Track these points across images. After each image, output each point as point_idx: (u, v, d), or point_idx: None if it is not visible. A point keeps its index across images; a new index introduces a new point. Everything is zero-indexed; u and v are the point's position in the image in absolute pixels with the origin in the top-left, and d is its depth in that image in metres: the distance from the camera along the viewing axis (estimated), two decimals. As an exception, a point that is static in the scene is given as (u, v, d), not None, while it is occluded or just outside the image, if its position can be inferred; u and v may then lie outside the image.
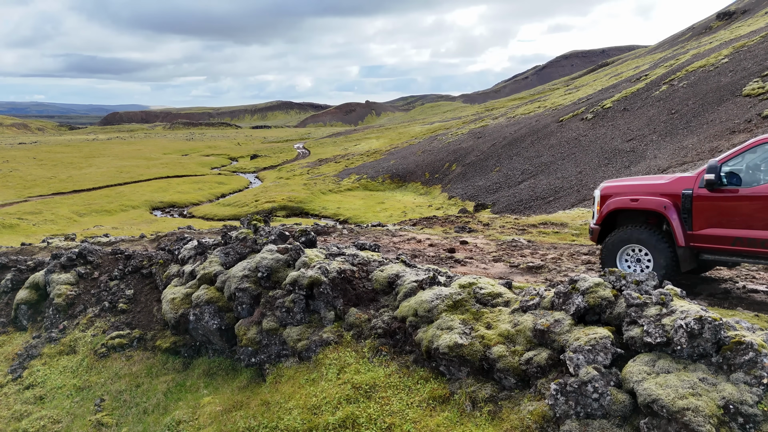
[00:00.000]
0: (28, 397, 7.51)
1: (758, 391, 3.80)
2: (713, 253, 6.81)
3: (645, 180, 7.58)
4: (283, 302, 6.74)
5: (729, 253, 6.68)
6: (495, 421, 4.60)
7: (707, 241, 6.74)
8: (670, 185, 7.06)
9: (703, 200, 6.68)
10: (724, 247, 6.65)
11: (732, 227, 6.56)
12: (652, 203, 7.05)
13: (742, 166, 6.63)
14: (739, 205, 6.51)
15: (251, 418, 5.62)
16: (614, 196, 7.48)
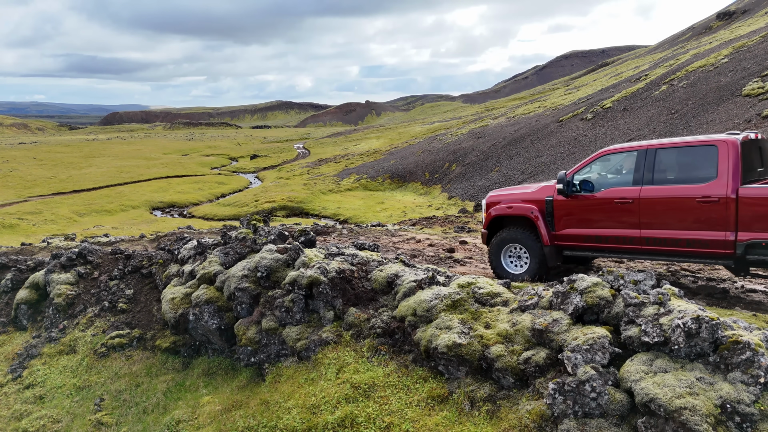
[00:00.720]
0: (28, 397, 7.52)
1: (755, 390, 3.81)
2: (572, 249, 7.95)
3: (519, 189, 8.83)
4: (282, 302, 6.76)
5: (584, 249, 7.85)
6: (493, 420, 4.62)
7: (567, 239, 7.92)
8: (536, 193, 8.28)
9: (562, 205, 7.91)
10: (580, 244, 7.86)
11: (585, 227, 7.75)
12: (523, 209, 8.29)
13: (591, 175, 7.87)
14: (590, 208, 7.69)
15: (250, 417, 5.64)
16: (496, 204, 8.69)
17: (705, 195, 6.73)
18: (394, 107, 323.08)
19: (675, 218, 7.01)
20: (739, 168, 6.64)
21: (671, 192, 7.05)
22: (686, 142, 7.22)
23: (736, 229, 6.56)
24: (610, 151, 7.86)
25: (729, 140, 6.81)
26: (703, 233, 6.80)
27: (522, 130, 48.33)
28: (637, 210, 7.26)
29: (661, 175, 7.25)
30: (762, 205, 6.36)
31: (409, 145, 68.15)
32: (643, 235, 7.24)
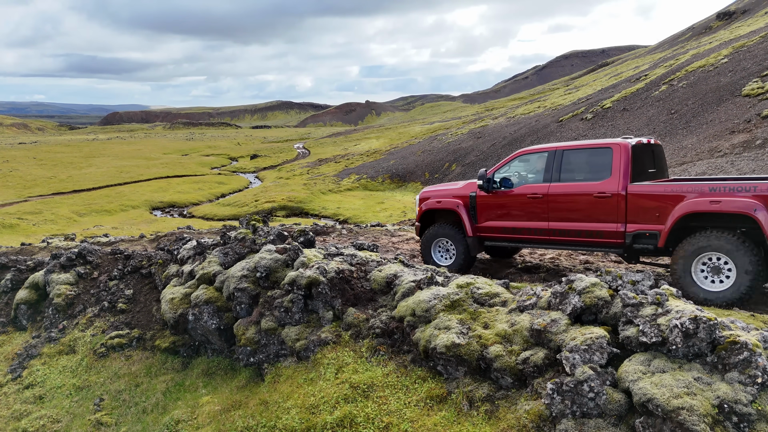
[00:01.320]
0: (27, 397, 7.53)
1: (752, 390, 3.82)
2: (492, 240, 8.79)
3: (448, 186, 9.55)
4: (281, 302, 6.77)
5: (502, 239, 8.68)
6: (492, 420, 4.63)
7: (488, 231, 8.74)
8: (462, 189, 9.05)
9: (483, 200, 8.72)
10: (499, 235, 8.68)
11: (503, 220, 8.58)
12: (450, 204, 9.05)
13: (510, 173, 8.63)
14: (507, 203, 8.51)
15: (250, 417, 5.65)
16: (427, 199, 9.38)
17: (600, 191, 7.58)
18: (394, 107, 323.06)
19: (576, 212, 7.84)
20: (629, 168, 7.45)
21: (573, 188, 7.89)
22: (587, 145, 8.11)
23: (626, 221, 7.39)
24: (525, 152, 8.72)
25: (622, 144, 7.60)
26: (599, 225, 7.62)
27: (522, 130, 48.33)
28: (546, 204, 8.10)
29: (566, 173, 8.05)
30: (645, 200, 7.24)
31: (409, 145, 68.17)
32: (551, 227, 8.08)
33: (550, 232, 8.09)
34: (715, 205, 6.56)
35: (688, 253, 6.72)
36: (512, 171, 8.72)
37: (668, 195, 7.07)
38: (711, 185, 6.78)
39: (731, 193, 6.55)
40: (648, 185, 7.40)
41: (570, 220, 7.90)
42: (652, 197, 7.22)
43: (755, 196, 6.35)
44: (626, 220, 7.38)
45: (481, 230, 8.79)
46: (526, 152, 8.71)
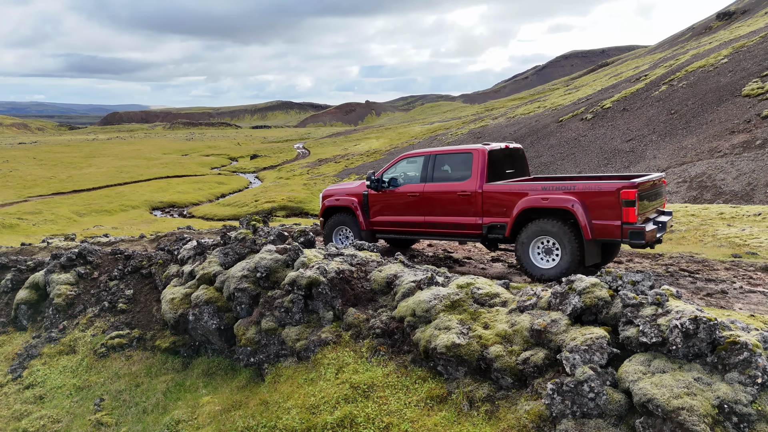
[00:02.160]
0: (28, 397, 7.54)
1: (752, 390, 3.83)
2: (381, 232, 9.92)
3: (347, 185, 10.70)
4: (281, 302, 6.77)
5: (389, 232, 9.81)
6: (492, 420, 4.63)
7: (378, 224, 9.87)
8: (357, 188, 10.15)
9: (373, 197, 9.85)
10: (387, 228, 9.80)
11: (390, 215, 9.70)
12: (346, 201, 10.19)
13: (396, 174, 9.76)
14: (392, 200, 9.62)
15: (250, 417, 5.65)
16: (329, 197, 10.52)
17: (463, 190, 8.82)
18: (394, 107, 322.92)
19: (445, 207, 9.03)
20: (486, 170, 8.68)
21: (443, 188, 9.09)
22: (454, 150, 9.38)
23: (482, 215, 8.64)
24: (408, 155, 9.91)
25: (480, 149, 8.84)
26: (463, 219, 8.85)
27: (522, 131, 48.33)
28: (422, 201, 9.28)
29: (439, 175, 9.27)
30: (495, 198, 8.50)
31: (409, 145, 68.16)
32: (426, 221, 9.27)
33: (426, 225, 9.30)
34: (545, 201, 7.89)
35: (527, 237, 8.00)
36: (398, 172, 9.84)
37: (512, 193, 8.35)
38: (544, 185, 8.05)
39: (557, 191, 7.84)
40: (498, 185, 8.62)
41: (441, 214, 9.10)
42: (500, 195, 8.48)
43: (573, 194, 7.66)
44: (482, 214, 8.66)
45: (373, 224, 9.95)
46: (409, 156, 9.91)
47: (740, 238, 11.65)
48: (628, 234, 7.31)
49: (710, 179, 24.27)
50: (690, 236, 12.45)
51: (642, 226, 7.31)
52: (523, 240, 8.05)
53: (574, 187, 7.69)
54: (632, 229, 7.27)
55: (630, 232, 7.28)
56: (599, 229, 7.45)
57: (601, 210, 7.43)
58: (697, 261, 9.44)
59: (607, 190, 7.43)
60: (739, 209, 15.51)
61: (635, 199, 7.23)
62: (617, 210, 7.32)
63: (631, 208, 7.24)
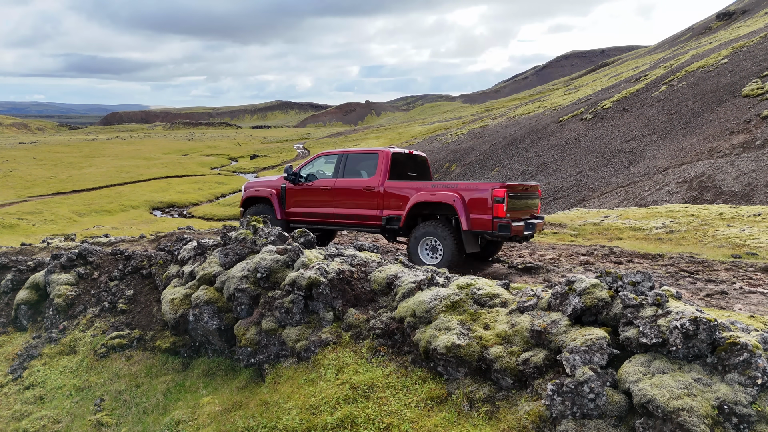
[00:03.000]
0: (28, 397, 7.54)
1: (752, 391, 3.83)
2: (296, 223, 10.86)
3: (266, 179, 11.59)
4: (282, 303, 6.77)
5: (303, 222, 10.69)
6: (492, 421, 4.64)
7: (293, 215, 10.87)
8: (276, 182, 11.07)
9: (290, 191, 10.83)
10: (301, 219, 10.75)
11: (305, 206, 10.70)
12: (265, 192, 11.09)
13: (313, 170, 10.82)
14: (307, 193, 10.64)
15: (250, 418, 5.66)
16: (249, 188, 11.52)
17: (368, 186, 9.97)
18: (394, 107, 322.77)
19: (352, 200, 10.13)
20: (388, 169, 9.89)
21: (351, 183, 10.20)
22: (363, 150, 10.55)
23: (383, 208, 9.78)
24: (324, 153, 11.01)
25: (385, 151, 10.08)
26: (367, 211, 9.95)
27: (522, 131, 48.34)
28: (333, 195, 10.34)
29: (349, 171, 10.32)
30: (393, 194, 9.70)
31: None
32: (336, 212, 10.33)
33: (335, 216, 10.36)
34: (433, 196, 9.20)
35: (417, 237, 9.25)
36: (315, 168, 10.88)
37: (403, 189, 9.67)
38: (433, 183, 9.47)
39: (443, 189, 9.21)
40: (396, 182, 9.85)
41: (348, 207, 10.19)
42: (398, 191, 9.72)
43: (455, 191, 9.02)
44: (383, 208, 9.82)
45: (288, 215, 10.92)
46: (325, 154, 11.02)
47: (740, 238, 11.65)
48: (497, 226, 8.64)
49: (710, 179, 24.28)
50: (690, 237, 12.45)
51: (509, 220, 8.63)
52: (415, 236, 9.27)
53: (457, 186, 9.15)
54: (501, 223, 8.62)
55: (499, 224, 8.63)
56: (475, 222, 8.81)
57: (477, 206, 8.80)
58: (697, 261, 9.44)
59: (482, 189, 8.84)
60: (739, 210, 15.52)
61: (504, 198, 8.60)
62: (489, 206, 8.68)
63: (500, 204, 8.60)
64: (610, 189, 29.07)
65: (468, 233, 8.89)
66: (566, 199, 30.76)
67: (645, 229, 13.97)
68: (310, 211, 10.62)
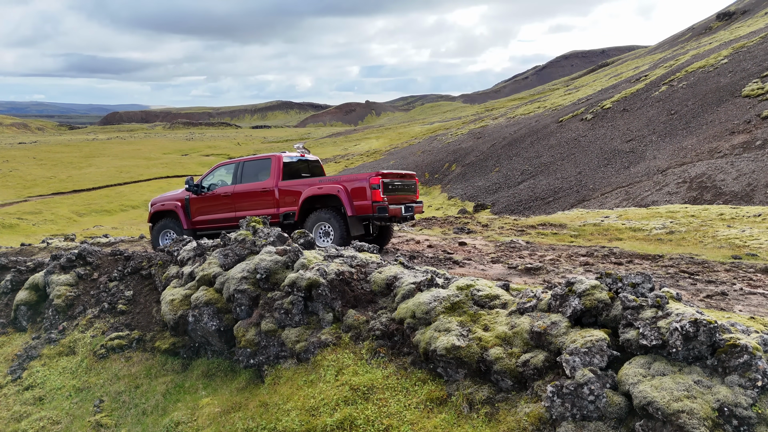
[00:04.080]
0: (27, 398, 7.53)
1: (752, 393, 3.82)
2: (201, 230, 11.65)
3: (170, 193, 12.49)
4: (281, 304, 6.77)
5: (209, 229, 11.57)
6: (492, 422, 4.63)
7: (199, 223, 11.68)
8: (180, 195, 11.92)
9: (194, 201, 11.68)
10: (207, 226, 11.58)
11: (209, 214, 11.56)
12: (171, 205, 11.92)
13: (214, 180, 11.70)
14: (210, 201, 11.51)
15: (249, 419, 5.65)
16: (155, 204, 12.37)
17: (264, 188, 10.98)
18: (394, 107, 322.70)
19: (251, 203, 11.11)
20: (281, 171, 10.95)
21: (249, 187, 11.19)
22: (258, 157, 11.57)
23: (279, 206, 10.83)
24: (223, 164, 11.94)
25: (277, 155, 11.18)
26: (266, 210, 10.91)
27: (522, 131, 48.33)
28: (233, 200, 11.30)
29: (246, 177, 11.32)
30: (287, 192, 10.77)
31: (409, 145, 68.17)
32: (238, 215, 11.08)
33: (237, 219, 10.97)
34: (320, 190, 10.32)
35: (311, 224, 10.34)
36: (216, 178, 11.74)
37: (299, 186, 10.70)
38: (321, 179, 10.60)
39: (329, 183, 10.35)
40: (289, 182, 10.88)
41: (248, 209, 11.10)
42: (291, 189, 10.75)
43: (340, 184, 10.14)
44: (279, 206, 10.84)
45: (194, 223, 11.74)
46: (224, 164, 11.94)
47: (740, 239, 11.64)
48: (376, 209, 9.89)
49: (710, 180, 24.27)
50: (690, 237, 12.45)
51: (386, 204, 9.86)
52: (308, 225, 10.35)
53: (341, 179, 10.30)
54: (379, 206, 9.86)
55: (377, 208, 9.87)
56: (358, 208, 9.96)
57: (358, 194, 9.97)
58: (697, 262, 9.43)
59: (361, 179, 10.07)
60: (739, 210, 15.51)
61: (380, 185, 9.87)
62: (368, 193, 9.88)
63: (377, 190, 9.86)
64: (610, 189, 29.07)
65: (353, 218, 10.06)
66: (566, 200, 30.76)
67: (645, 230, 13.97)
68: (214, 217, 11.53)
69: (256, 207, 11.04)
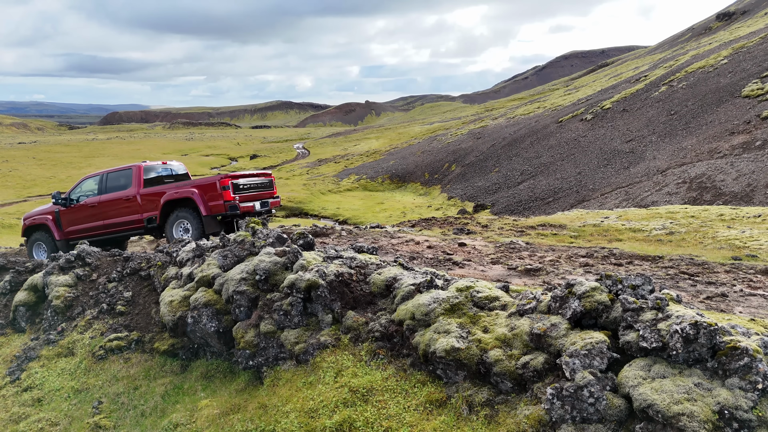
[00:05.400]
0: (26, 400, 7.51)
1: (753, 396, 3.81)
2: (74, 240, 12.36)
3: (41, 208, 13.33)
4: (280, 305, 6.75)
5: (80, 238, 12.10)
6: (491, 425, 4.61)
7: (71, 234, 12.50)
8: (50, 209, 12.73)
9: (64, 213, 12.53)
10: (78, 236, 12.34)
11: (78, 224, 12.41)
12: (42, 219, 12.77)
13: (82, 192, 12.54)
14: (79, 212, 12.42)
15: (248, 421, 5.63)
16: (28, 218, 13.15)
17: (127, 196, 11.88)
18: (393, 107, 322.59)
19: (117, 211, 11.98)
20: (142, 179, 11.92)
21: (113, 196, 12.06)
22: (119, 168, 12.45)
23: (142, 211, 11.69)
24: (89, 176, 12.73)
25: (137, 165, 12.15)
26: (131, 217, 11.83)
27: (521, 131, 48.32)
28: (100, 209, 12.16)
29: (111, 187, 12.18)
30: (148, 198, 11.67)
31: (409, 145, 68.18)
32: (105, 224, 12.15)
33: (105, 226, 12.13)
34: (177, 193, 11.27)
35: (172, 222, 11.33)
36: (84, 190, 12.54)
37: (159, 192, 11.56)
38: (178, 185, 11.51)
39: (185, 186, 11.29)
40: (150, 188, 11.77)
41: (115, 216, 12.02)
42: (152, 195, 11.64)
43: (195, 186, 11.16)
44: (142, 211, 11.70)
45: (67, 234, 12.53)
46: (90, 176, 12.74)
47: (740, 240, 11.63)
48: (227, 208, 10.91)
49: (710, 180, 24.26)
50: (690, 238, 12.44)
51: (236, 202, 10.95)
52: (169, 225, 11.37)
53: (195, 182, 11.33)
54: (230, 204, 10.90)
55: (229, 206, 10.90)
56: (211, 207, 10.96)
57: (211, 194, 10.95)
58: (697, 264, 9.42)
59: (212, 182, 11.07)
60: (739, 211, 15.50)
61: (229, 186, 10.94)
62: (219, 193, 10.89)
63: (227, 191, 10.89)
64: (610, 190, 29.06)
65: (207, 217, 11.05)
66: (566, 200, 30.75)
67: (645, 231, 13.96)
68: (84, 227, 12.36)
69: (122, 214, 11.94)
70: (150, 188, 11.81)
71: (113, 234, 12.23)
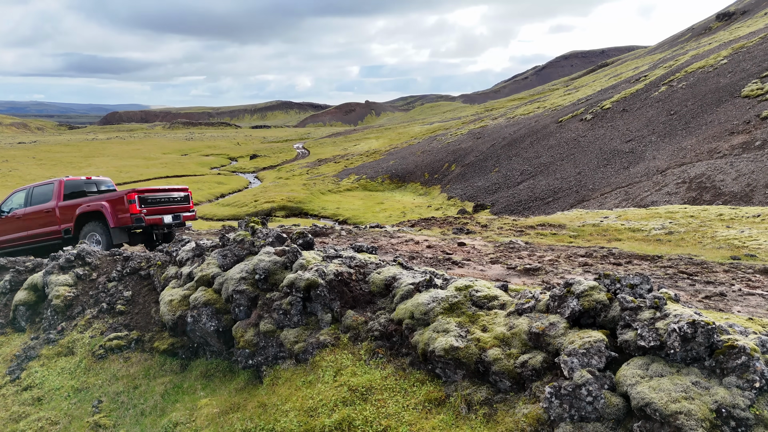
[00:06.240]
0: (26, 399, 7.53)
1: (750, 395, 3.82)
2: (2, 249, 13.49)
3: None
4: (280, 304, 6.76)
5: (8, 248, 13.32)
6: (490, 423, 4.63)
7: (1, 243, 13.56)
8: None
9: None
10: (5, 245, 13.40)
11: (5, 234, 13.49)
12: None
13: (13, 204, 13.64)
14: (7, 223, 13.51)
15: (248, 420, 5.65)
16: None
17: (49, 209, 12.83)
18: (393, 107, 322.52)
19: (39, 222, 12.93)
20: (62, 193, 12.85)
21: (38, 209, 13.01)
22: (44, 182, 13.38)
23: (61, 223, 12.56)
24: (19, 190, 13.80)
25: (60, 180, 13.09)
26: (51, 228, 12.73)
27: (521, 131, 48.34)
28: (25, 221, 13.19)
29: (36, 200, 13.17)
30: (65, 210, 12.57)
31: (409, 145, 68.20)
32: (29, 234, 13.11)
33: (30, 237, 13.05)
34: (88, 207, 12.16)
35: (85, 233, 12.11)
36: (14, 202, 13.61)
37: (75, 205, 12.42)
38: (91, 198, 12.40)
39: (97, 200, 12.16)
40: (67, 202, 12.64)
41: (37, 227, 12.98)
42: (68, 208, 12.51)
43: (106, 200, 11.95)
44: (61, 222, 12.57)
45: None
46: (20, 189, 13.80)
47: (739, 240, 11.65)
48: (134, 220, 11.67)
49: (709, 180, 24.28)
50: (689, 238, 12.45)
51: (143, 215, 11.73)
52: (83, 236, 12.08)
53: (106, 197, 12.09)
54: (136, 217, 11.68)
55: (134, 219, 11.68)
56: (120, 219, 11.73)
57: (119, 207, 11.72)
58: (696, 263, 9.44)
59: (120, 196, 11.87)
60: (738, 211, 15.52)
61: (135, 200, 11.71)
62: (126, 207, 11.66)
63: (133, 204, 11.67)
64: (610, 189, 29.07)
65: (115, 228, 11.80)
66: (565, 200, 30.77)
67: (644, 230, 13.97)
68: (11, 237, 13.36)
69: (44, 225, 12.86)
70: (68, 201, 12.66)
71: (35, 244, 13.10)
